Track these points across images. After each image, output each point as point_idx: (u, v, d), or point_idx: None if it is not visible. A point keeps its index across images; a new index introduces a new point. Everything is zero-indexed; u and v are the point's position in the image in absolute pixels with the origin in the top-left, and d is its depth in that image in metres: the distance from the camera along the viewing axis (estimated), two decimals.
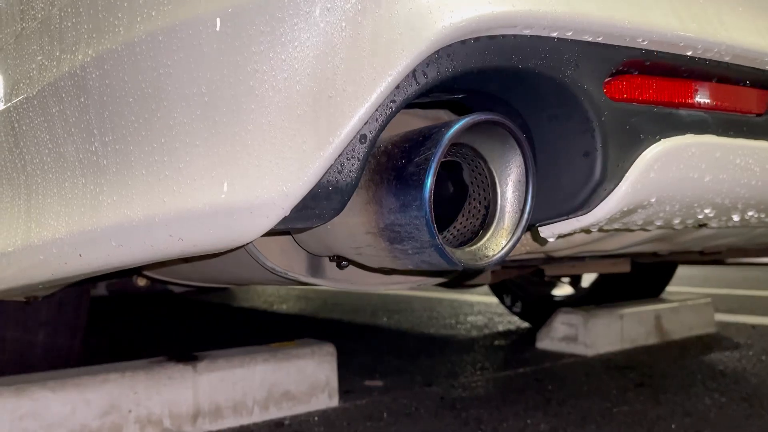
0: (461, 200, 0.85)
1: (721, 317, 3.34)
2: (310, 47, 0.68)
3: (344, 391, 1.93)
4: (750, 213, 1.02)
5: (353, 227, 0.80)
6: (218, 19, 0.68)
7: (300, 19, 0.67)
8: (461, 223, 0.85)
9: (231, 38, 0.68)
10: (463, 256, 0.78)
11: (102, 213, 0.77)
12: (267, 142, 0.68)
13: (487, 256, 0.79)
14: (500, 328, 3.20)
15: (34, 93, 0.87)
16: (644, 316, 2.73)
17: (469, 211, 0.84)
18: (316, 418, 1.72)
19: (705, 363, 2.35)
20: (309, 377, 1.78)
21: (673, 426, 1.61)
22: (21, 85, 0.91)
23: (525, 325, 3.21)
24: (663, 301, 2.95)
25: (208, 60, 0.69)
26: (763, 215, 1.04)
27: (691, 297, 3.06)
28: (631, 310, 2.69)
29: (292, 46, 0.68)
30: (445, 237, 0.84)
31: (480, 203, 0.84)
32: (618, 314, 2.62)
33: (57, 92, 0.83)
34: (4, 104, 0.94)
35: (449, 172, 0.87)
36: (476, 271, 1.31)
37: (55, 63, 0.84)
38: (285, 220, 0.70)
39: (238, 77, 0.68)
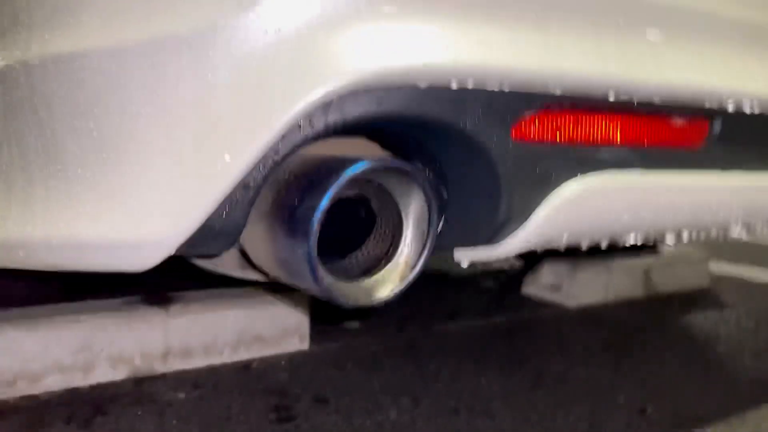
0: (372, 222, 0.86)
1: (722, 268, 3.31)
2: (193, 94, 0.66)
3: (318, 332, 2.00)
4: (685, 233, 1.00)
5: (259, 252, 0.82)
6: (103, 56, 0.67)
7: (184, 65, 0.66)
8: (369, 246, 0.85)
9: (115, 77, 0.67)
10: (355, 293, 0.80)
11: (10, 224, 0.79)
12: (151, 184, 0.68)
13: (381, 292, 0.80)
14: (495, 266, 3.24)
15: None
16: (634, 268, 2.72)
17: (375, 237, 0.85)
18: (283, 362, 1.80)
19: (682, 323, 2.38)
20: (281, 321, 1.86)
21: (621, 400, 1.66)
22: None
23: (519, 263, 3.24)
24: (656, 253, 2.93)
25: (95, 95, 0.69)
26: (702, 233, 1.02)
27: (688, 250, 3.04)
28: (620, 262, 2.68)
29: (175, 92, 0.67)
30: (350, 260, 0.85)
31: (388, 230, 0.84)
32: (606, 266, 2.63)
33: None
34: None
35: (361, 196, 0.87)
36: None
37: None
38: (176, 251, 0.72)
39: (122, 117, 0.68)
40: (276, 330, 1.85)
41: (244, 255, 0.87)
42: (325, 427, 1.43)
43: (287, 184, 0.76)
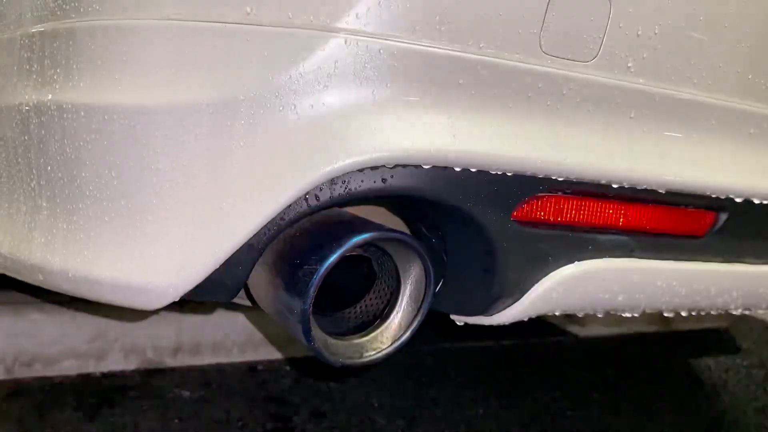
0: (372, 280, 0.89)
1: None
2: (209, 159, 0.70)
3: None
4: (683, 313, 1.01)
5: (261, 296, 0.85)
6: (130, 112, 0.71)
7: (200, 130, 0.69)
8: (366, 303, 0.89)
9: (139, 134, 0.71)
10: (346, 351, 0.83)
11: (32, 249, 0.84)
12: (162, 236, 0.72)
13: (371, 352, 0.84)
14: None
15: None
16: None
17: (373, 295, 0.88)
18: (287, 368, 1.86)
19: (692, 366, 2.36)
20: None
21: None
22: None
23: None
24: None
25: (119, 147, 0.73)
26: (694, 313, 1.03)
27: None
28: None
29: (193, 155, 0.70)
30: (345, 314, 0.89)
31: (387, 287, 0.87)
32: None
33: (9, 119, 0.88)
34: None
35: (363, 256, 0.90)
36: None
37: (10, 90, 0.89)
38: (180, 298, 0.76)
39: (142, 171, 0.72)
40: (284, 335, 1.90)
41: (247, 292, 0.91)
42: None
43: (292, 242, 0.79)
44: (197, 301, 0.79)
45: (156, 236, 0.73)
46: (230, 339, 1.84)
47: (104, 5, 0.75)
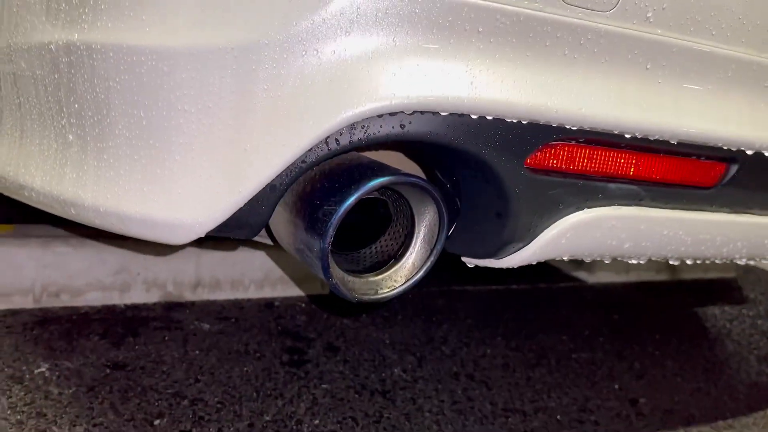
0: (387, 221, 0.92)
1: None
2: (232, 101, 0.72)
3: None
4: (688, 261, 1.04)
5: (281, 236, 0.89)
6: (158, 54, 0.73)
7: (225, 73, 0.71)
8: (381, 243, 0.92)
9: (167, 75, 0.74)
10: (362, 288, 0.87)
11: (64, 184, 0.88)
12: (189, 176, 0.76)
13: (385, 290, 0.88)
14: None
15: (25, 47, 0.95)
16: None
17: (388, 236, 0.91)
18: (303, 305, 1.92)
19: (697, 314, 2.41)
20: (305, 265, 1.96)
21: (616, 388, 1.73)
22: (19, 29, 0.99)
23: None
24: None
25: (147, 88, 0.75)
26: (699, 261, 1.06)
27: None
28: None
29: (218, 97, 0.73)
30: (361, 253, 0.92)
31: (402, 229, 0.90)
32: None
33: (40, 57, 0.91)
34: (7, 39, 1.03)
35: (379, 198, 0.93)
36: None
37: (40, 27, 0.91)
38: (205, 234, 0.80)
39: (169, 112, 0.74)
40: (300, 272, 1.96)
41: (268, 231, 0.95)
42: (333, 375, 1.54)
43: (312, 184, 0.82)
44: (220, 238, 0.83)
45: (183, 175, 0.77)
46: (248, 276, 1.90)
47: None
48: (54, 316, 1.62)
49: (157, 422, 1.26)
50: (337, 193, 0.78)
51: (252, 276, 1.90)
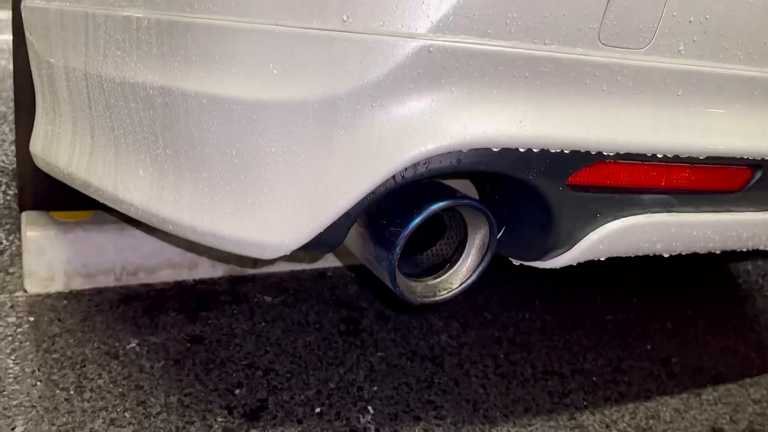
0: (443, 228, 1.05)
1: None
2: (314, 145, 0.84)
3: None
4: (713, 252, 1.15)
5: (353, 247, 1.03)
6: (247, 105, 0.85)
7: (308, 122, 0.83)
8: (438, 248, 1.05)
9: (255, 123, 0.85)
10: (422, 291, 1.00)
11: (162, 204, 1.02)
12: (277, 206, 0.89)
13: (442, 292, 1.01)
14: None
15: (118, 81, 1.07)
16: None
17: (444, 241, 1.04)
18: (353, 274, 2.07)
19: (732, 272, 2.48)
20: None
21: (649, 348, 1.86)
22: (108, 61, 1.11)
23: None
24: None
25: (238, 133, 0.87)
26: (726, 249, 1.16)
27: None
28: None
29: (302, 141, 0.84)
30: (420, 257, 1.05)
31: (456, 236, 1.03)
32: None
33: (134, 93, 1.03)
34: (97, 68, 1.15)
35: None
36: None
37: (132, 66, 1.03)
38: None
39: (258, 154, 0.87)
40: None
41: None
42: (386, 343, 1.70)
43: (381, 207, 0.95)
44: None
45: (272, 206, 0.90)
46: None
47: (217, 5, 0.87)
48: (134, 293, 1.80)
49: (237, 392, 1.44)
50: (402, 216, 0.90)
51: None
